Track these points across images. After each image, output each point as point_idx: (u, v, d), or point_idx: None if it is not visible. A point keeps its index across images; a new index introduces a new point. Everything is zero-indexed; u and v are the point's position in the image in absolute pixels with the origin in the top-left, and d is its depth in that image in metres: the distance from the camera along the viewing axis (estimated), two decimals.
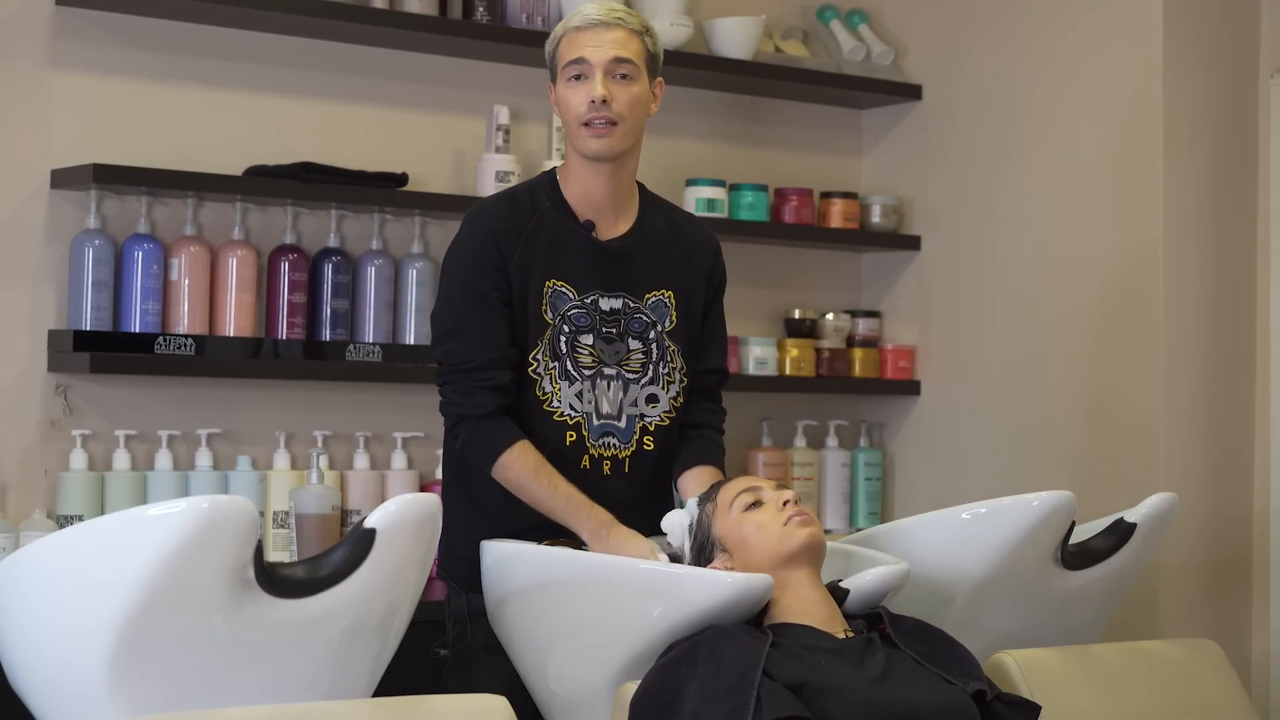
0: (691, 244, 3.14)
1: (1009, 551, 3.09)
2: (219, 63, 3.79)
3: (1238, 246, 4.11)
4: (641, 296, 3.06)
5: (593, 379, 3.01)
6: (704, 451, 3.10)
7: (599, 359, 3.01)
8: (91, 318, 3.55)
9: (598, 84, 2.94)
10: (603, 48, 2.95)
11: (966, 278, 4.44)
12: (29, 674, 2.59)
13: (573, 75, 2.97)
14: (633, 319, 3.05)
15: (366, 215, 3.90)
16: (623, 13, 3.00)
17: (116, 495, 3.56)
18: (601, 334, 3.02)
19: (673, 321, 3.08)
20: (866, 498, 4.51)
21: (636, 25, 3.00)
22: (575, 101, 2.96)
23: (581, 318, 3.01)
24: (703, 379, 3.14)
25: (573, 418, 2.99)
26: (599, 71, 2.95)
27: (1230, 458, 4.09)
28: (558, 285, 3.01)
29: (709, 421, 3.15)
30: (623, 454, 3.02)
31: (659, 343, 3.06)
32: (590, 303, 3.02)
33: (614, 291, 3.04)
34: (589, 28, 2.97)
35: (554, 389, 2.99)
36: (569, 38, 2.98)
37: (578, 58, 2.96)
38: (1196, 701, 3.27)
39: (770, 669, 2.53)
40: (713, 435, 3.14)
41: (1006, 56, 4.35)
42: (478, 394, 2.94)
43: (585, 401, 3.00)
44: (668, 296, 3.08)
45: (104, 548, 2.47)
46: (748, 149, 4.50)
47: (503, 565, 2.93)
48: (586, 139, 2.97)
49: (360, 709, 2.59)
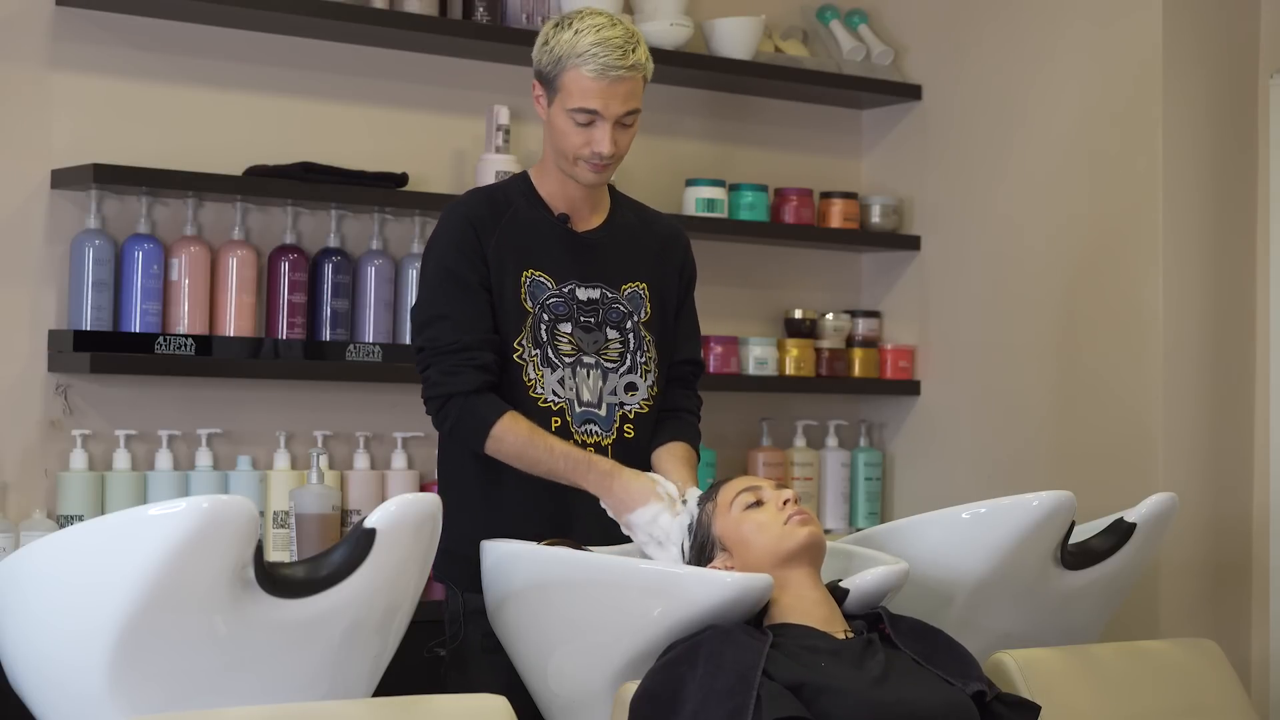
0: (663, 238, 3.18)
1: (1009, 551, 3.09)
2: (219, 63, 3.79)
3: (1238, 246, 4.11)
4: (618, 287, 3.10)
5: (573, 366, 3.04)
6: (677, 429, 3.14)
7: (578, 347, 3.04)
8: (92, 318, 3.55)
9: (607, 138, 2.95)
10: (616, 101, 2.94)
11: (966, 278, 4.44)
12: (29, 674, 2.59)
13: (579, 121, 2.95)
14: (610, 309, 3.08)
15: (366, 215, 3.90)
16: (634, 55, 2.96)
17: (116, 495, 3.56)
18: (580, 323, 3.05)
19: (647, 313, 3.12)
20: (866, 498, 4.51)
21: (644, 65, 2.98)
22: (577, 142, 2.97)
23: (560, 306, 3.04)
24: (678, 369, 3.18)
25: (556, 403, 3.02)
26: (609, 124, 2.95)
27: (1230, 458, 4.09)
28: (535, 275, 3.04)
29: (683, 405, 3.19)
30: (605, 441, 3.04)
31: (636, 333, 3.09)
32: (568, 292, 3.05)
33: (591, 282, 3.08)
34: (605, 80, 2.93)
35: (537, 375, 3.02)
36: (578, 79, 2.93)
37: (589, 108, 2.94)
38: (1196, 701, 3.27)
39: (770, 669, 2.53)
40: (686, 417, 3.18)
41: (1006, 56, 4.35)
42: (463, 371, 2.96)
43: (567, 388, 3.03)
44: (642, 289, 3.12)
45: (104, 548, 2.47)
46: (748, 149, 4.50)
47: (502, 565, 2.93)
48: (584, 172, 3.00)
49: (360, 709, 2.59)
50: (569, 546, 2.92)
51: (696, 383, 3.23)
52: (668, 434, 3.13)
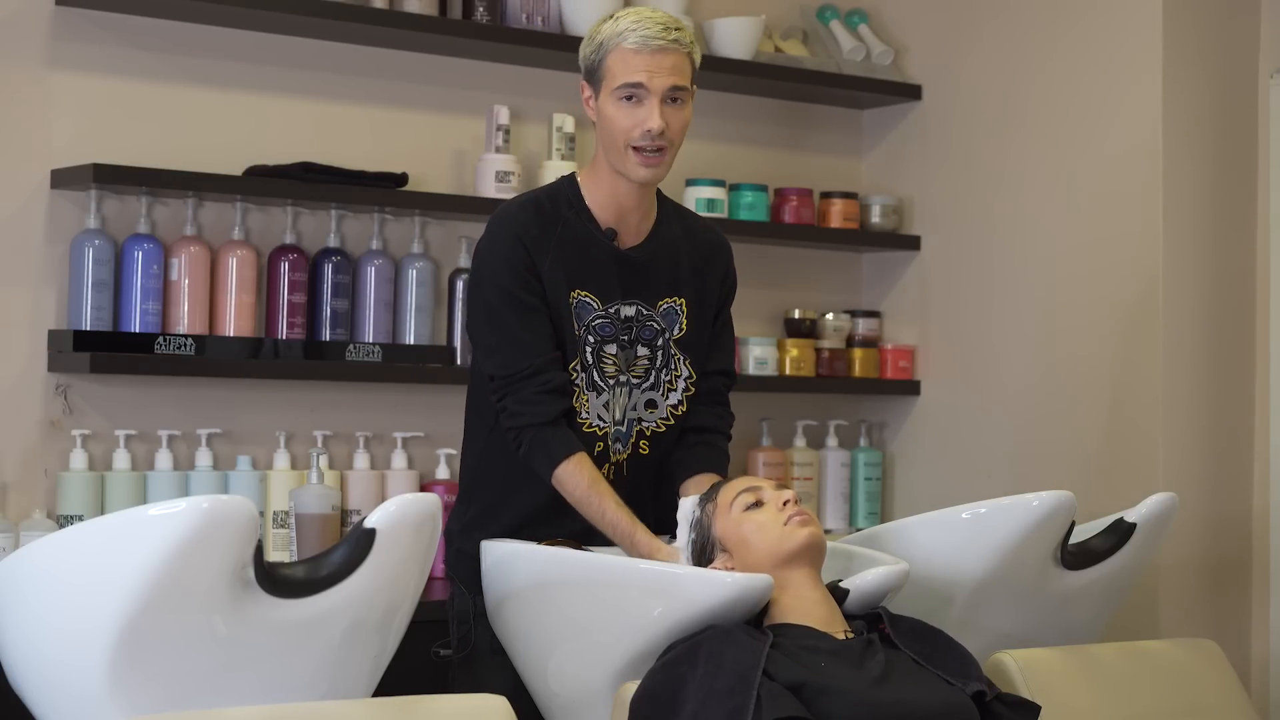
0: (707, 250, 3.13)
1: (1009, 551, 3.09)
2: (219, 63, 3.79)
3: (1238, 247, 4.11)
4: (654, 303, 3.05)
5: (614, 389, 3.00)
6: (707, 459, 3.09)
7: (619, 368, 3.01)
8: (91, 318, 3.55)
9: (655, 113, 2.90)
10: (661, 74, 2.91)
11: (966, 278, 4.44)
12: (29, 674, 2.59)
13: (625, 96, 2.91)
14: (644, 326, 3.04)
15: (366, 215, 3.90)
16: (677, 32, 2.94)
17: (116, 495, 3.56)
18: (619, 342, 3.01)
19: (682, 329, 3.07)
20: (866, 498, 4.51)
21: (688, 44, 2.95)
22: (626, 124, 2.92)
23: (606, 328, 3.00)
24: (709, 380, 3.13)
25: (601, 428, 2.99)
26: (655, 98, 2.91)
27: (1230, 458, 4.09)
28: (582, 295, 2.99)
29: (714, 426, 3.13)
30: (620, 458, 3.03)
31: (665, 350, 3.05)
32: (614, 312, 3.01)
33: (630, 299, 3.03)
34: (646, 51, 2.90)
35: (583, 400, 2.98)
36: (621, 56, 2.91)
37: (634, 81, 2.90)
38: (1196, 701, 3.27)
39: (770, 669, 2.53)
40: (718, 441, 3.13)
41: (1006, 57, 4.35)
42: (540, 401, 2.92)
43: (610, 411, 3.00)
44: (679, 304, 3.07)
45: (104, 548, 2.47)
46: (748, 149, 4.50)
47: (503, 565, 2.93)
48: (635, 166, 2.94)
49: (360, 709, 2.59)
50: (569, 546, 2.92)
51: (728, 394, 3.17)
52: (698, 464, 3.07)
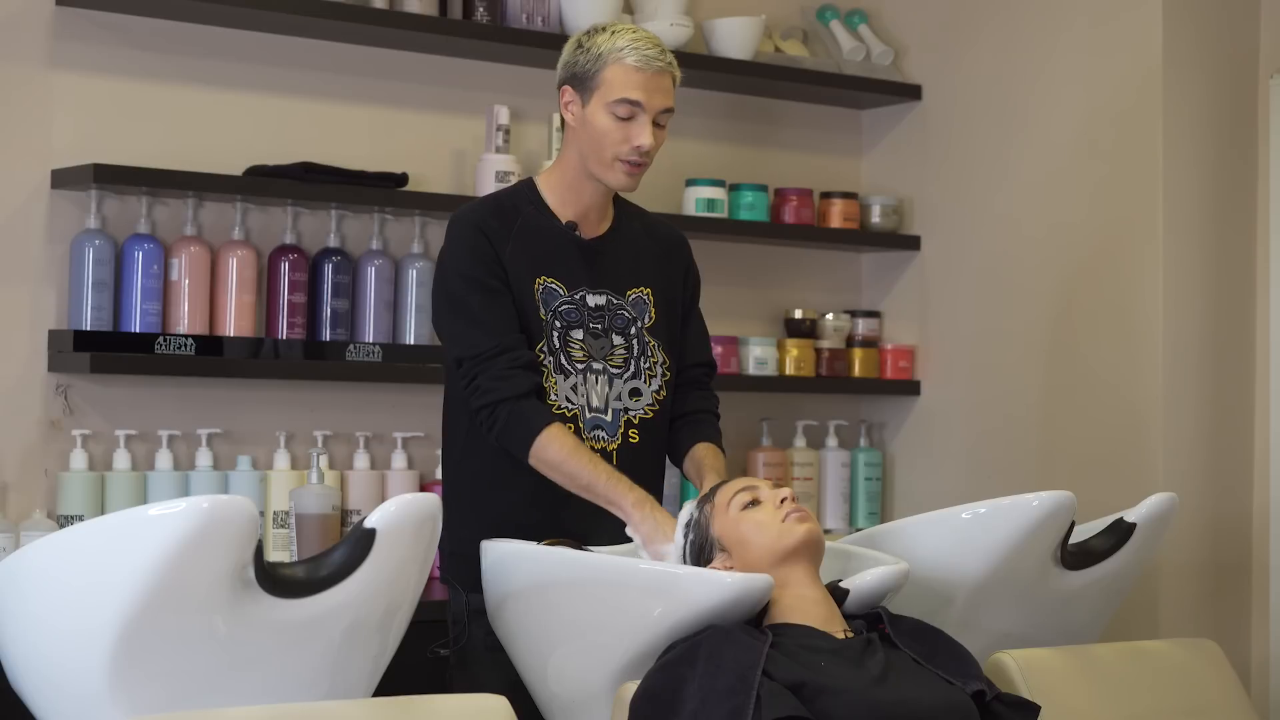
0: (666, 244, 3.21)
1: (1009, 551, 3.09)
2: (219, 63, 3.79)
3: (1237, 246, 4.11)
4: (623, 293, 3.11)
5: (584, 373, 3.04)
6: (701, 431, 3.15)
7: (589, 354, 3.06)
8: (91, 318, 3.56)
9: (647, 131, 2.99)
10: (658, 95, 3.00)
11: (966, 278, 4.44)
12: (29, 674, 2.59)
13: (621, 113, 2.98)
14: (616, 315, 3.10)
15: (366, 215, 3.90)
16: (669, 55, 3.03)
17: (116, 495, 3.56)
18: (589, 329, 3.07)
19: (651, 318, 3.13)
20: (866, 498, 4.51)
21: (675, 67, 3.05)
22: (618, 138, 2.99)
23: (571, 313, 3.06)
24: (691, 373, 3.20)
25: (569, 410, 3.02)
26: (648, 117, 2.99)
27: (1230, 458, 4.09)
28: (547, 281, 3.05)
29: (703, 406, 3.20)
30: (610, 447, 3.05)
31: (640, 338, 3.10)
32: (579, 299, 3.07)
33: (599, 288, 3.09)
34: (648, 71, 2.99)
35: (551, 382, 3.02)
36: (623, 71, 2.98)
37: (634, 99, 2.98)
38: (1196, 701, 3.27)
39: (770, 669, 2.53)
40: (708, 418, 3.19)
41: (1005, 56, 4.35)
42: (513, 376, 2.95)
43: (579, 395, 3.04)
44: (646, 294, 3.14)
45: (104, 548, 2.47)
46: (748, 149, 4.50)
47: (503, 565, 2.93)
48: (621, 175, 3.02)
49: (360, 709, 2.59)
50: (569, 546, 2.92)
51: (710, 383, 3.24)
52: (693, 437, 3.14)
